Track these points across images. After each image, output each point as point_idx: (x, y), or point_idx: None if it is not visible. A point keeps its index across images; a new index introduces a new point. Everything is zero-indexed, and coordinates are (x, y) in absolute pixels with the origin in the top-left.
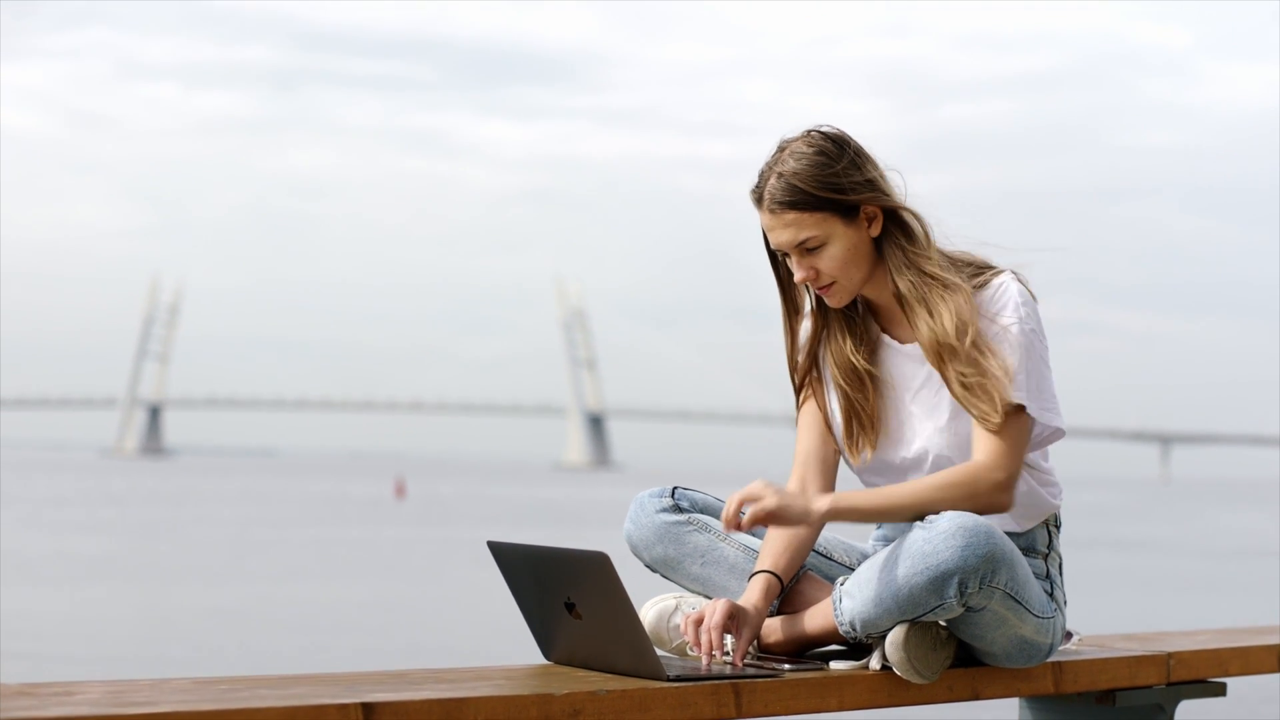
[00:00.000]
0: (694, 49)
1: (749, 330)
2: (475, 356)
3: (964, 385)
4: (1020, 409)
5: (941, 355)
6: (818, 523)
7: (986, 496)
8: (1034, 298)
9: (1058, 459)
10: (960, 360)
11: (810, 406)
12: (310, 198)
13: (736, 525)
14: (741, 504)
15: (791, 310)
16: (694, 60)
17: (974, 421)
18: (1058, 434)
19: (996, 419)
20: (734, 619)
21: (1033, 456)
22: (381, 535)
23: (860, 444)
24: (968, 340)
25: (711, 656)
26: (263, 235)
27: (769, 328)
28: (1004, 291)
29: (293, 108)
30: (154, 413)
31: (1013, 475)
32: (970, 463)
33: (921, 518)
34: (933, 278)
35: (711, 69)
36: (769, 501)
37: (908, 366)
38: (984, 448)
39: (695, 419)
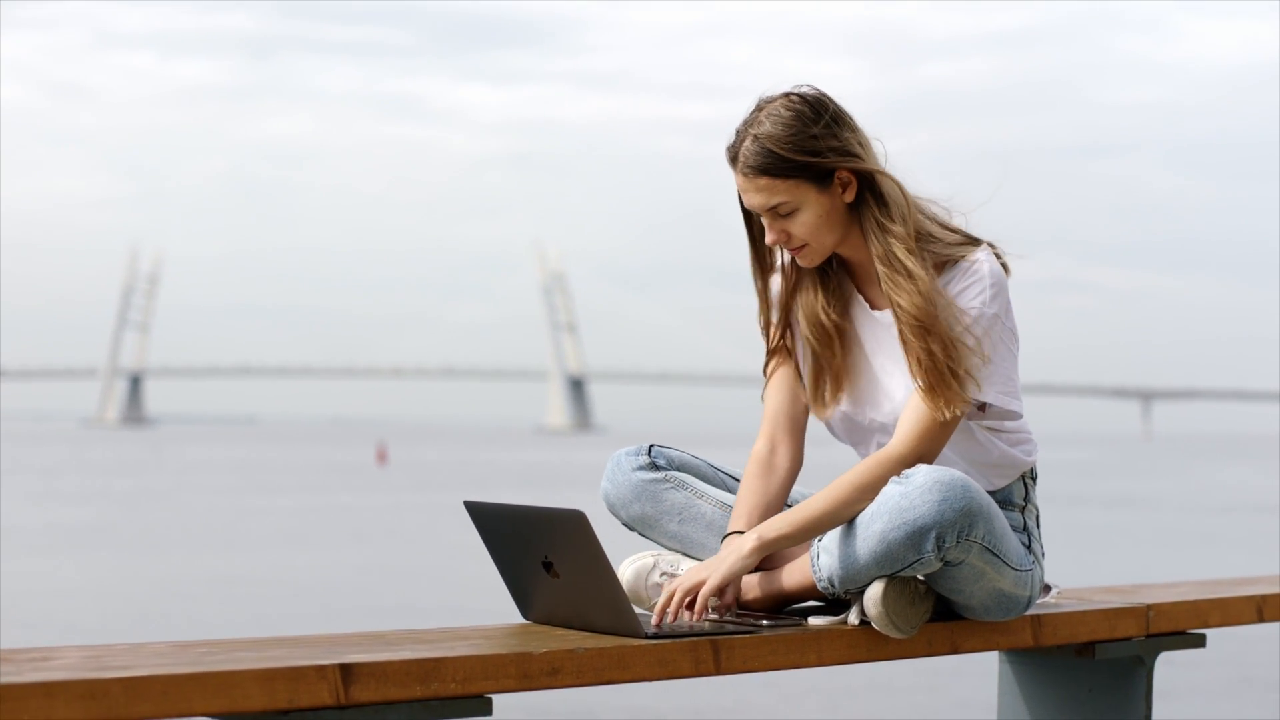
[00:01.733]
0: (672, 10)
1: (728, 292)
2: (456, 321)
3: (926, 367)
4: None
5: (914, 330)
6: (753, 559)
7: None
8: (1008, 271)
9: (1038, 418)
10: (932, 340)
11: (780, 363)
12: (288, 165)
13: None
14: (684, 600)
15: (762, 267)
16: (672, 22)
17: (910, 399)
18: (1013, 415)
19: (946, 414)
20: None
21: (996, 422)
22: (363, 501)
23: (826, 400)
24: (933, 325)
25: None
26: (241, 203)
27: (748, 289)
28: (973, 271)
29: (270, 75)
30: (135, 382)
31: (926, 459)
32: (883, 456)
33: (852, 520)
34: (899, 257)
35: (690, 30)
36: (713, 579)
37: (879, 330)
38: (908, 431)
39: (676, 381)
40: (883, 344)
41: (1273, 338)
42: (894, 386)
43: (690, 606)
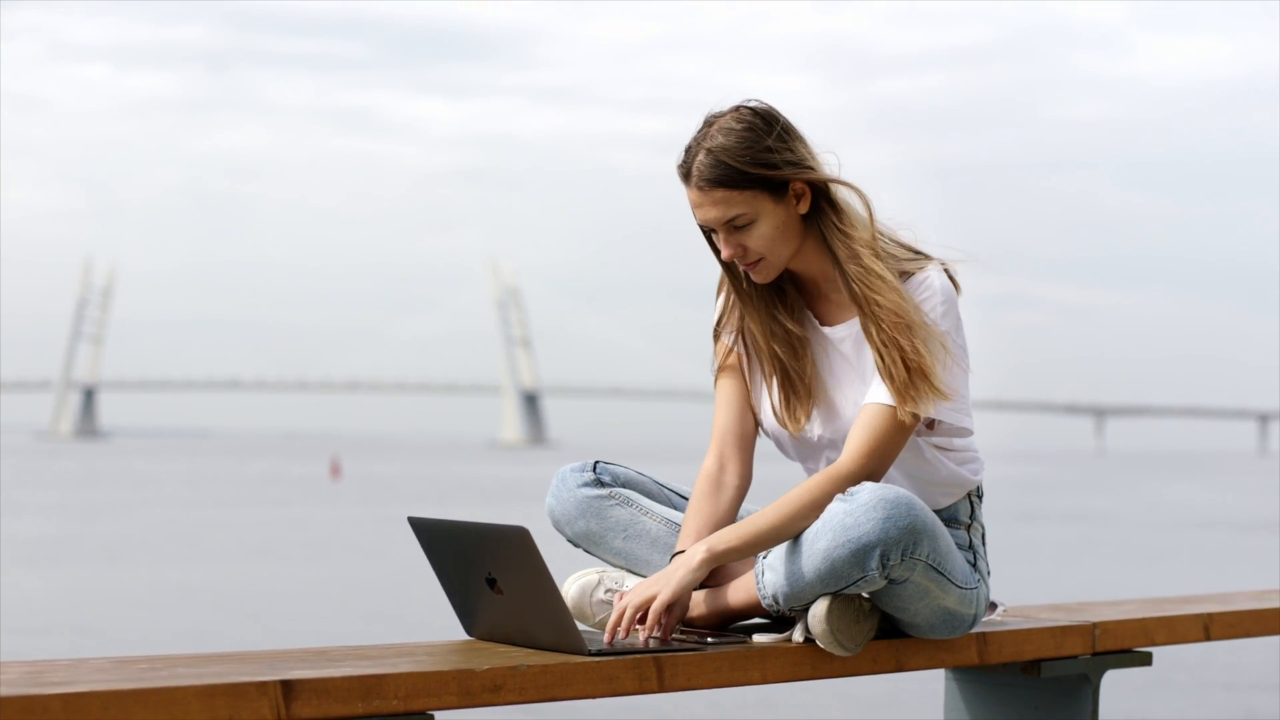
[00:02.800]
0: (626, 25)
1: (682, 306)
2: (409, 335)
3: (904, 365)
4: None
5: (897, 327)
6: (702, 571)
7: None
8: (958, 289)
9: (990, 434)
10: (913, 338)
11: (729, 380)
12: (243, 178)
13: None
14: (635, 616)
15: (734, 279)
16: (626, 36)
17: (863, 411)
18: (964, 432)
19: (917, 411)
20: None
21: (944, 440)
22: (316, 515)
23: (798, 413)
24: (914, 325)
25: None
26: (195, 216)
27: (701, 304)
28: (925, 286)
29: (224, 87)
30: (88, 395)
31: (875, 476)
32: (831, 472)
33: (797, 537)
34: (864, 260)
35: (644, 45)
36: (664, 594)
37: (828, 346)
38: (856, 448)
39: (629, 396)
40: (832, 360)
41: (1225, 354)
42: (843, 403)
43: (642, 622)
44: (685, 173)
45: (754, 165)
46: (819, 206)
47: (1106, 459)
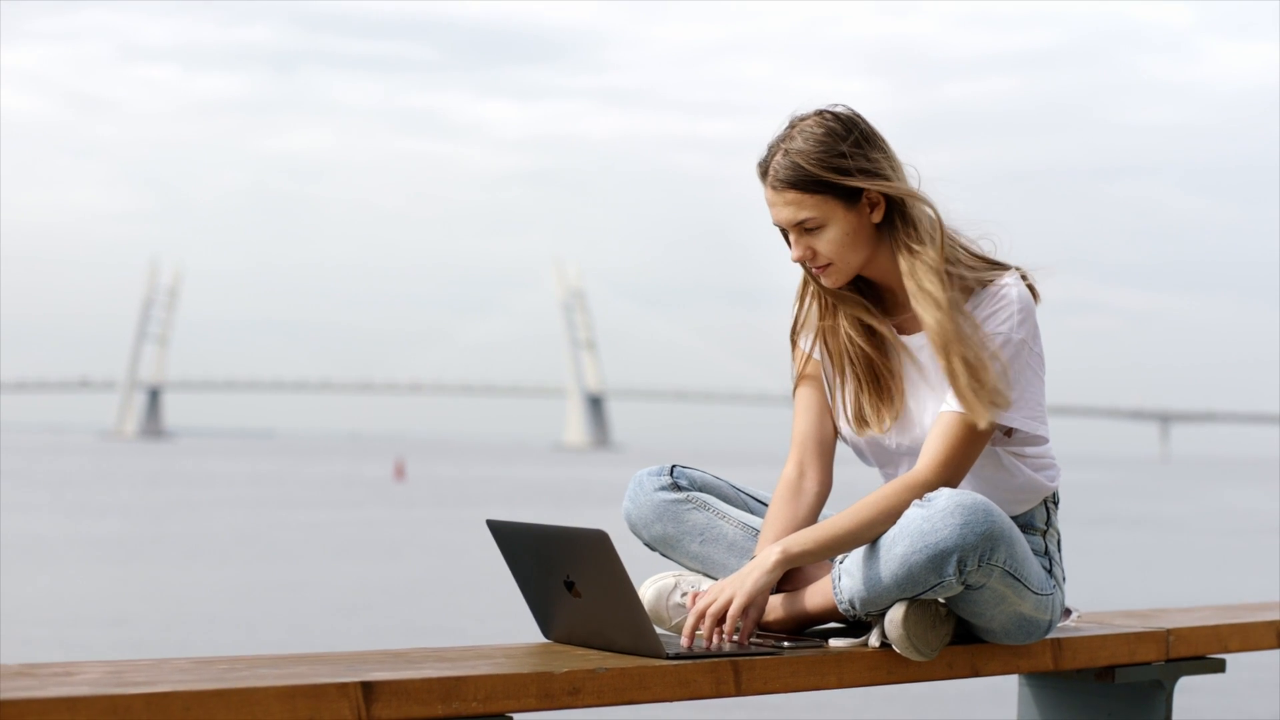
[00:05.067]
0: (694, 28)
1: (747, 310)
2: (474, 337)
3: (959, 378)
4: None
5: (941, 345)
6: (777, 573)
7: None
8: (1037, 298)
9: (1056, 439)
10: (963, 352)
11: (809, 387)
12: (309, 179)
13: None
14: (714, 622)
15: (811, 281)
16: (694, 39)
17: (939, 419)
18: (1040, 440)
19: (984, 421)
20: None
21: (1020, 447)
22: (381, 517)
23: (882, 414)
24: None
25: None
26: (261, 217)
27: (767, 308)
28: (1001, 296)
29: (292, 89)
30: (153, 395)
31: (950, 484)
32: (908, 479)
33: (874, 542)
34: (920, 276)
35: (711, 48)
36: (740, 597)
37: (905, 354)
38: (933, 455)
39: (694, 399)
40: (909, 368)
41: None
42: (921, 411)
43: (720, 624)
44: (763, 171)
45: (827, 170)
46: (891, 218)
47: (1171, 464)
